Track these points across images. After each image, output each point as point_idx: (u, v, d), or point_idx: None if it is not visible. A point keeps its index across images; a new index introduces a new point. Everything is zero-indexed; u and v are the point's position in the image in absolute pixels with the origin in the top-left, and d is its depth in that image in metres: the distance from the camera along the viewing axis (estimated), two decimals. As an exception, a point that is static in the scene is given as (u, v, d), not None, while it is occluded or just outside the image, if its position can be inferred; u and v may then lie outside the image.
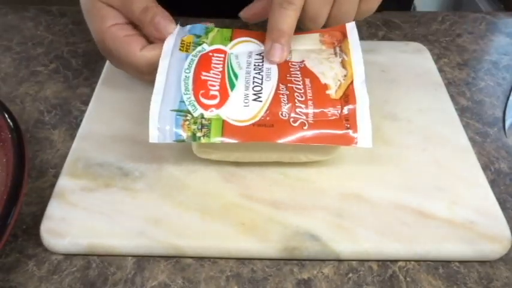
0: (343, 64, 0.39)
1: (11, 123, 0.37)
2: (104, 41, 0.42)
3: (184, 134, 0.36)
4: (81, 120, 0.45)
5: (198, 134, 0.36)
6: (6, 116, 0.37)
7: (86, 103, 0.47)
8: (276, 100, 0.37)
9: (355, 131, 0.37)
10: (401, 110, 0.46)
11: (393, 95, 0.48)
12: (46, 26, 0.60)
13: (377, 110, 0.45)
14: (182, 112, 0.36)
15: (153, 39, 0.42)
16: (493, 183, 0.41)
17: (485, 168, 0.42)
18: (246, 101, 0.37)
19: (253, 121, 0.36)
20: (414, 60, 0.52)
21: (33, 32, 0.58)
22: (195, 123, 0.36)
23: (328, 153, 0.39)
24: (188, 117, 0.36)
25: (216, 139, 0.36)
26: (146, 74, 0.42)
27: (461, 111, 0.48)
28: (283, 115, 0.37)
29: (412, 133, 0.44)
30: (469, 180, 0.40)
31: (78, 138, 0.43)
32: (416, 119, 0.45)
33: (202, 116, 0.36)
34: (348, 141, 0.37)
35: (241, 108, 0.37)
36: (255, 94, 0.38)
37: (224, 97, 0.37)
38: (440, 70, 0.52)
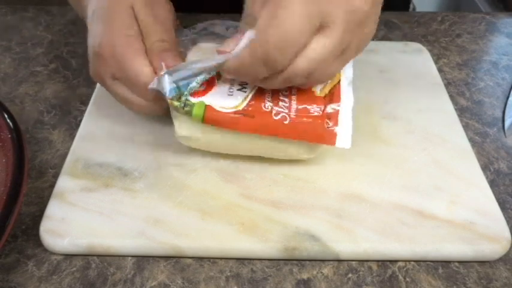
0: None
1: (10, 124, 0.37)
2: (114, 46, 0.39)
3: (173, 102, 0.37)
4: (80, 120, 0.45)
5: (181, 111, 0.37)
6: (6, 116, 0.37)
7: (86, 103, 0.47)
8: (259, 92, 0.38)
9: (335, 130, 0.37)
10: (401, 110, 0.46)
11: (393, 95, 0.48)
12: (46, 26, 0.60)
13: (376, 110, 0.45)
14: (178, 89, 0.37)
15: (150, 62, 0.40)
16: (492, 184, 0.41)
17: (484, 168, 0.42)
18: (231, 90, 0.38)
19: (235, 109, 0.37)
20: (414, 60, 0.52)
21: (32, 32, 0.58)
22: (178, 100, 0.37)
23: (309, 151, 0.39)
24: (178, 94, 0.37)
25: (196, 119, 0.37)
26: (144, 93, 0.40)
27: (461, 111, 0.48)
28: (266, 107, 0.37)
29: (412, 133, 0.44)
30: (468, 181, 0.40)
31: (77, 139, 0.43)
32: (415, 119, 0.45)
33: (187, 98, 0.37)
34: (327, 140, 0.37)
35: (225, 97, 0.38)
36: (240, 84, 0.38)
37: (210, 86, 0.38)
38: (440, 70, 0.52)
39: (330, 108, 0.38)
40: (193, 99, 0.37)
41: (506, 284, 0.35)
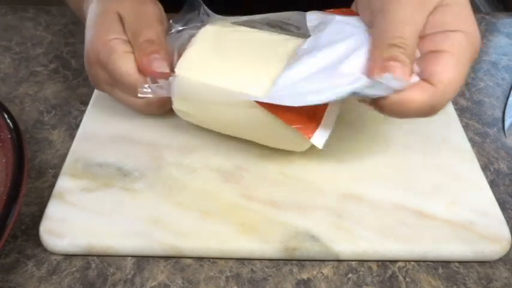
0: None
1: (10, 124, 0.37)
2: (98, 53, 0.40)
3: None
4: (80, 121, 0.45)
5: None
6: (6, 116, 0.37)
7: (86, 103, 0.47)
8: None
9: (317, 126, 0.36)
10: (400, 111, 0.46)
11: (393, 95, 0.48)
12: (46, 26, 0.59)
13: (377, 111, 0.45)
14: None
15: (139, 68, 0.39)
16: (492, 184, 0.41)
17: (484, 168, 0.42)
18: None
19: None
20: (414, 60, 0.52)
21: (32, 32, 0.58)
22: None
23: (296, 143, 0.39)
24: None
25: None
26: (135, 95, 0.39)
27: (461, 111, 0.48)
28: None
29: (412, 134, 0.44)
30: (468, 181, 0.40)
31: (77, 139, 0.43)
32: (415, 119, 0.45)
33: None
34: (306, 131, 0.36)
35: None
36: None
37: None
38: (440, 70, 0.52)
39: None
40: None
41: (506, 284, 0.35)
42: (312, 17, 0.41)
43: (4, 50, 0.56)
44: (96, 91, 0.48)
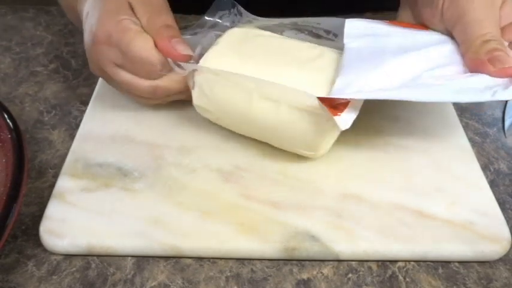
0: None
1: (10, 124, 0.37)
2: (110, 32, 0.39)
3: None
4: (80, 121, 0.45)
5: None
6: (6, 116, 0.37)
7: (86, 103, 0.47)
8: None
9: (342, 111, 0.36)
10: (401, 111, 0.46)
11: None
12: (45, 26, 0.60)
13: (377, 112, 0.45)
14: None
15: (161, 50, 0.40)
16: (492, 184, 0.41)
17: (484, 168, 0.42)
18: None
19: None
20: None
21: (32, 33, 0.58)
22: None
23: (312, 149, 0.39)
24: None
25: None
26: (156, 74, 0.40)
27: (461, 111, 0.48)
28: None
29: (412, 134, 0.44)
30: (468, 181, 0.40)
31: (77, 139, 0.43)
32: (416, 119, 0.45)
33: None
34: (333, 111, 0.35)
35: None
36: None
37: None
38: (440, 70, 0.52)
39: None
40: None
41: (506, 284, 0.35)
42: (354, 25, 0.42)
43: (4, 50, 0.56)
44: (96, 91, 0.48)
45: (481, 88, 0.35)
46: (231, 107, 0.39)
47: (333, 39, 0.43)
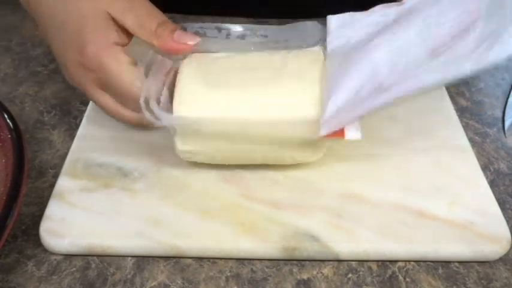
0: None
1: (10, 124, 0.37)
2: (100, 59, 0.37)
3: None
4: (80, 121, 0.45)
5: None
6: (6, 116, 0.37)
7: (86, 103, 0.47)
8: None
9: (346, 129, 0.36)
10: (401, 111, 0.46)
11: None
12: (45, 26, 0.59)
13: (377, 112, 0.45)
14: None
15: (166, 53, 0.38)
16: (492, 184, 0.41)
17: (484, 168, 0.42)
18: None
19: None
20: (414, 60, 0.52)
21: (32, 33, 0.58)
22: None
23: (312, 154, 0.39)
24: None
25: None
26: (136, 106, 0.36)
27: (461, 111, 0.48)
28: None
29: (412, 134, 0.44)
30: (468, 181, 0.40)
31: (77, 139, 0.43)
32: (415, 119, 0.45)
33: None
34: (339, 134, 0.36)
35: None
36: None
37: None
38: (440, 70, 0.52)
39: None
40: None
41: (506, 284, 0.35)
42: (335, 20, 0.39)
43: (4, 50, 0.56)
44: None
45: (462, 59, 0.32)
46: (222, 141, 0.37)
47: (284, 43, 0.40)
